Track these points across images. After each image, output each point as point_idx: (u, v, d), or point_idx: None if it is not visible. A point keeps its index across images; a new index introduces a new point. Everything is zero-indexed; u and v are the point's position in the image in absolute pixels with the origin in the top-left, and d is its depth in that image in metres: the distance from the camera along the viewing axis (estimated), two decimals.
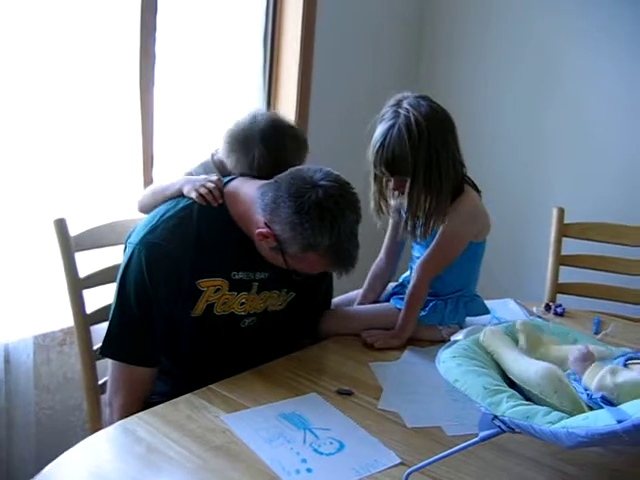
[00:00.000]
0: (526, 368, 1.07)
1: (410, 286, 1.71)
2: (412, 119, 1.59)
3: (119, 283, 1.43)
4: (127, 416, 1.38)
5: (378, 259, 1.89)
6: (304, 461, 1.16)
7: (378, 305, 1.84)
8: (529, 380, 1.05)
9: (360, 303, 1.86)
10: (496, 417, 1.00)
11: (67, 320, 1.91)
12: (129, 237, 1.48)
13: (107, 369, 1.80)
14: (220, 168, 1.61)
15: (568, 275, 2.28)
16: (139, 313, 1.41)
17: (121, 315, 1.43)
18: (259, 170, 1.52)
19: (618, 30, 2.54)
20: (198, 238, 1.43)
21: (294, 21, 2.53)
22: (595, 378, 1.00)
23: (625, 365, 1.08)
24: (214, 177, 1.51)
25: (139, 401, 1.44)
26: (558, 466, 1.19)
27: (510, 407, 1.00)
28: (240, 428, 1.24)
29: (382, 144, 1.61)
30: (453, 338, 1.23)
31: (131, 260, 1.41)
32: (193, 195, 1.46)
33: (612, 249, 2.24)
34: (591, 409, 1.00)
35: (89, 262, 1.68)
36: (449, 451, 1.06)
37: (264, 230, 1.39)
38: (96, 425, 1.69)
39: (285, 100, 2.60)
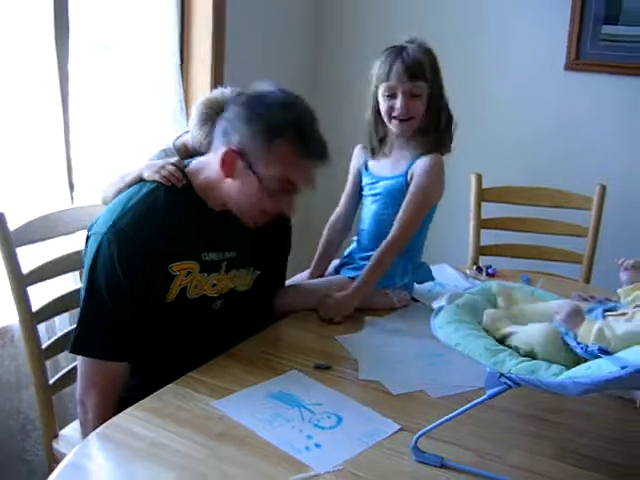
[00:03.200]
0: (530, 333, 1.12)
1: (387, 239, 1.71)
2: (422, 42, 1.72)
3: (88, 276, 1.36)
4: (103, 413, 1.33)
5: (334, 216, 1.94)
6: (310, 437, 1.17)
7: (329, 277, 1.87)
8: (532, 343, 1.10)
9: (317, 266, 1.91)
10: (502, 375, 1.06)
11: None
12: (91, 228, 1.40)
13: (53, 368, 1.73)
14: (182, 152, 1.57)
15: (488, 238, 2.41)
16: (111, 305, 1.34)
17: (93, 309, 1.36)
18: None
19: None
20: (167, 221, 1.38)
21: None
22: (592, 332, 1.07)
23: (603, 317, 1.16)
24: (173, 159, 1.47)
25: (114, 397, 1.39)
26: (539, 414, 1.29)
27: (514, 364, 1.06)
28: (236, 413, 1.23)
29: (400, 52, 1.68)
30: (436, 305, 1.27)
31: (99, 251, 1.34)
32: (157, 177, 1.41)
33: (528, 210, 2.39)
34: (586, 361, 1.07)
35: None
36: (457, 412, 1.11)
37: (227, 153, 1.36)
38: (50, 426, 1.62)
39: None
